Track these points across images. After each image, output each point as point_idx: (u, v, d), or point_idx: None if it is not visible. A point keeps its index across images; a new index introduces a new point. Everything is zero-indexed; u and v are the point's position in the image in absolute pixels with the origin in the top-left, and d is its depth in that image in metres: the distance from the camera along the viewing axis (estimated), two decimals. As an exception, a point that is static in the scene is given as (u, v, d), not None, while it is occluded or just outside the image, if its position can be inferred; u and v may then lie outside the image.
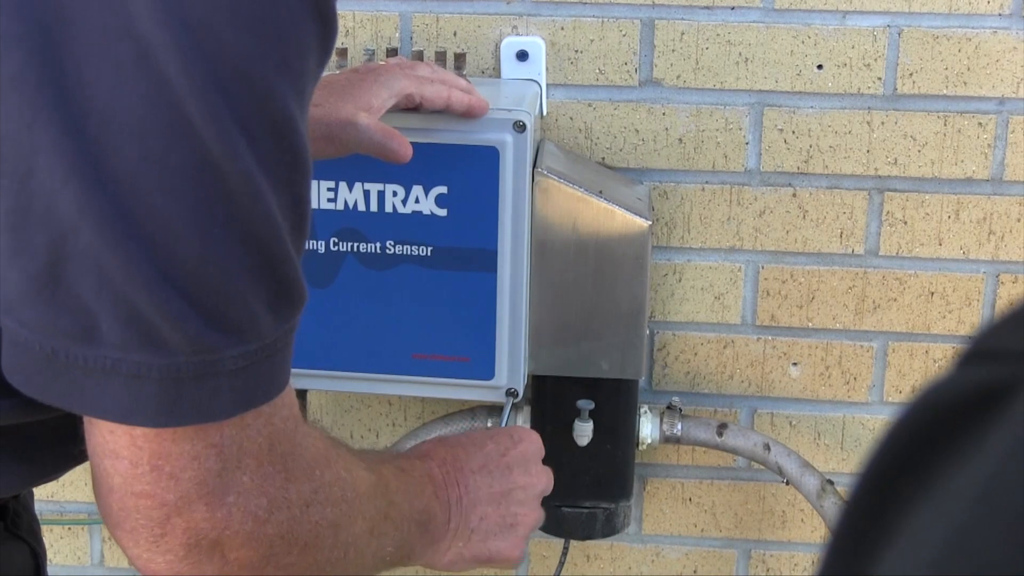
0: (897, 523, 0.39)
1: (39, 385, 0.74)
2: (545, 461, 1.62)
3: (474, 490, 1.09)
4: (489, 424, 1.65)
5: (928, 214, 1.65)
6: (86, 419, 0.77)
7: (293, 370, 0.81)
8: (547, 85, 1.63)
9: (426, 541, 1.03)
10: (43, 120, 0.69)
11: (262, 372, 0.76)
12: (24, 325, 0.73)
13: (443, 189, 1.45)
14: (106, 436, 0.76)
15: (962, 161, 1.63)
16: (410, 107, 1.39)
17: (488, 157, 1.43)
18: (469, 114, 1.40)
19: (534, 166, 1.49)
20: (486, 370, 1.50)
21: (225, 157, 0.71)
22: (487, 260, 1.46)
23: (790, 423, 1.74)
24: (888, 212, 1.66)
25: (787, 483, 1.64)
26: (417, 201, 1.46)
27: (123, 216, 0.70)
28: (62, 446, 0.88)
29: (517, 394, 1.51)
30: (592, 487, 1.63)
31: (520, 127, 1.43)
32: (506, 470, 1.13)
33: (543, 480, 1.17)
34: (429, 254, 1.47)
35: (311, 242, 1.47)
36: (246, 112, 0.71)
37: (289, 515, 0.81)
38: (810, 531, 1.78)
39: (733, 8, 1.60)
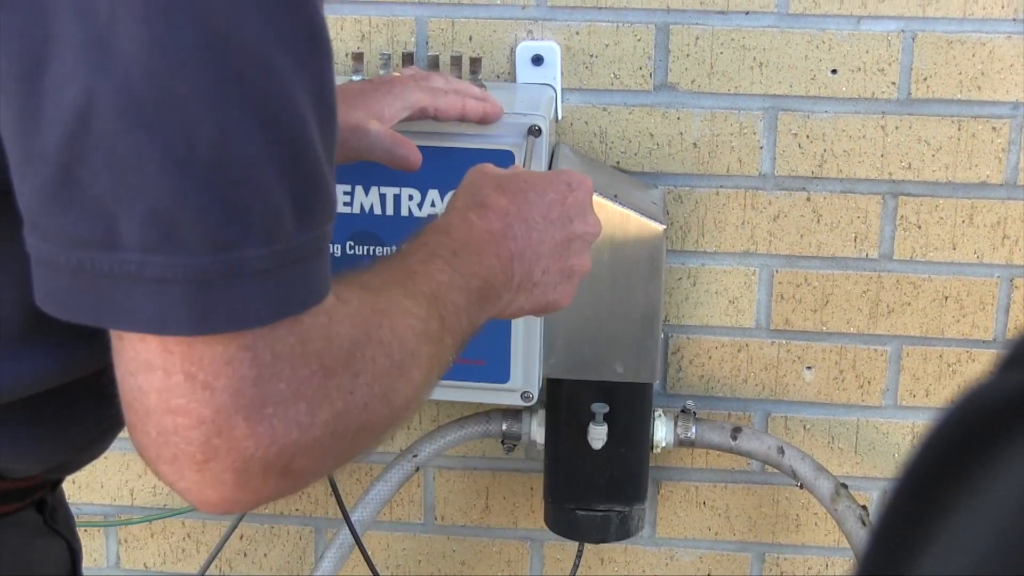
0: (936, 527, 0.39)
1: (70, 305, 0.73)
2: (560, 464, 1.63)
3: (537, 243, 1.05)
4: (504, 427, 1.66)
5: (942, 218, 1.66)
6: (114, 339, 0.75)
7: None
8: (562, 89, 1.64)
9: (488, 308, 1.00)
10: (53, 8, 0.69)
11: (293, 278, 0.74)
12: (47, 238, 0.72)
13: (459, 193, 1.45)
14: (137, 346, 0.73)
15: (976, 165, 1.63)
16: (425, 119, 1.40)
17: (504, 161, 1.43)
18: (484, 121, 1.41)
19: (549, 170, 1.50)
20: (501, 373, 1.51)
21: (237, 32, 0.70)
22: (502, 264, 1.47)
23: (804, 427, 1.75)
24: (902, 216, 1.66)
25: (801, 486, 1.65)
26: (433, 205, 1.46)
27: (136, 102, 0.69)
28: (99, 408, 0.88)
29: (532, 397, 1.52)
30: (606, 490, 1.63)
31: (535, 131, 1.43)
32: (567, 220, 1.09)
33: (598, 226, 1.12)
34: (445, 258, 1.47)
35: (327, 245, 1.48)
36: None
37: (333, 410, 0.78)
38: (824, 534, 1.78)
39: (748, 13, 1.60)
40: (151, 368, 0.73)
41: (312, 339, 0.76)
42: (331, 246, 1.50)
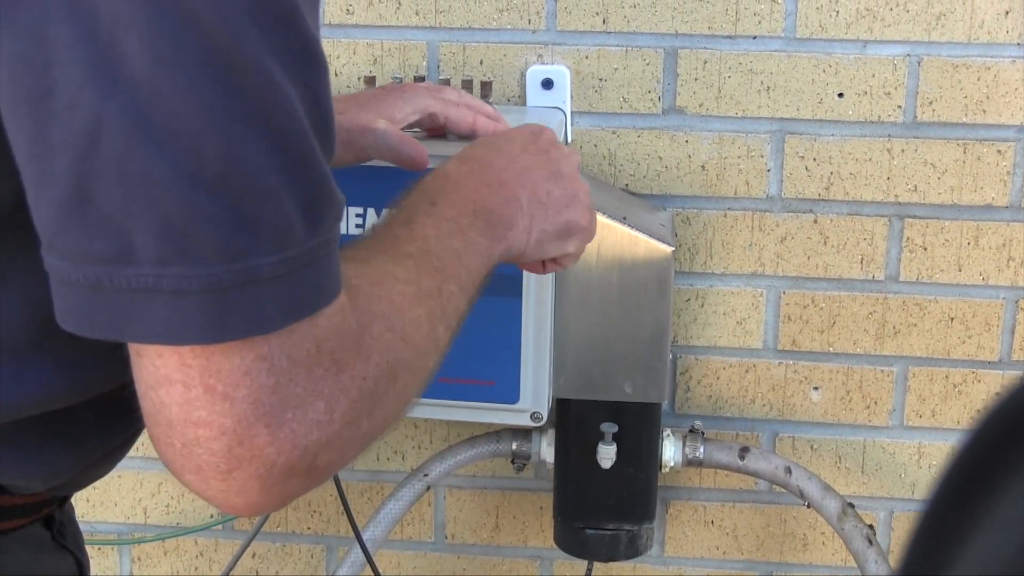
0: (983, 513, 0.41)
1: (89, 321, 0.74)
2: (569, 483, 1.64)
3: (526, 170, 1.07)
4: (514, 447, 1.67)
5: (948, 240, 1.67)
6: (133, 355, 0.76)
7: None
8: (572, 113, 1.65)
9: (505, 235, 1.01)
10: (54, 33, 0.70)
11: (305, 281, 0.75)
12: (64, 257, 0.73)
13: (470, 215, 1.46)
14: (156, 362, 0.74)
15: (981, 188, 1.65)
16: (435, 127, 1.40)
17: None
18: None
19: None
20: (511, 394, 1.52)
21: (236, 48, 0.71)
22: (512, 285, 1.48)
23: (811, 447, 1.76)
24: (908, 238, 1.67)
25: (808, 506, 1.66)
26: (444, 227, 1.47)
27: (143, 120, 0.70)
28: (104, 429, 0.88)
29: (542, 417, 1.53)
30: (615, 509, 1.64)
31: (546, 154, 1.44)
32: (544, 152, 1.12)
33: (576, 155, 1.16)
34: (456, 279, 1.48)
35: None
36: (252, 1, 0.72)
37: (349, 401, 0.79)
38: (831, 554, 1.79)
39: (755, 37, 1.62)
40: (171, 382, 0.74)
41: (327, 338, 0.77)
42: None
